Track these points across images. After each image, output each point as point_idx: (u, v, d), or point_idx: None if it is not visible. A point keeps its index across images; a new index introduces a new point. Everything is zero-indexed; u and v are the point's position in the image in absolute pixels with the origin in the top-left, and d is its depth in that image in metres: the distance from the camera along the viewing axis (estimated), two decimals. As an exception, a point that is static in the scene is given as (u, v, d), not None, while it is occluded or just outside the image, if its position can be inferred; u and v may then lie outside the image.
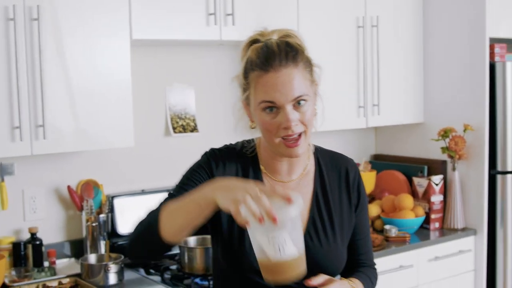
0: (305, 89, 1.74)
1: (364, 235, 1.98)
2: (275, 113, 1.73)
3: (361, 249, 1.98)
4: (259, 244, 1.56)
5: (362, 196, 1.95)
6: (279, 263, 1.55)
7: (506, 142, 3.92)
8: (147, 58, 3.59)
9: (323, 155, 1.95)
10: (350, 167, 1.95)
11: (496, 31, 3.92)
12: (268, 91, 1.73)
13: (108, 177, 3.50)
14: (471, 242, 3.97)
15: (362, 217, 1.96)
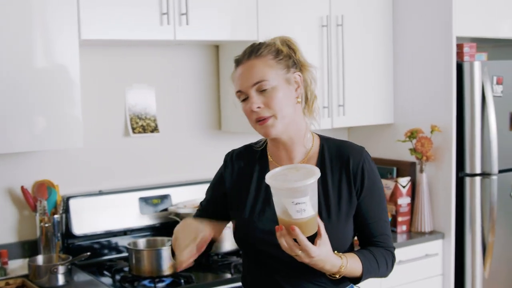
0: (267, 76, 2.01)
1: (377, 219, 2.11)
2: (247, 100, 2.04)
3: (375, 232, 2.12)
4: (283, 205, 1.85)
5: (367, 182, 2.08)
6: (298, 222, 1.85)
7: (474, 144, 3.84)
8: (106, 57, 3.56)
9: (330, 144, 2.15)
10: (354, 154, 2.10)
11: (465, 30, 3.85)
12: (236, 82, 2.07)
13: (64, 177, 3.48)
14: (439, 245, 3.90)
15: (370, 201, 2.10)
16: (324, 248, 1.91)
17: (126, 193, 3.57)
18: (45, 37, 3.00)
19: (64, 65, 3.05)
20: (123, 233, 3.55)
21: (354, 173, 2.08)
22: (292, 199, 1.83)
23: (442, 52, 3.83)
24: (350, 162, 2.09)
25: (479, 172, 3.88)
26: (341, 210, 2.07)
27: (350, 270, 2.01)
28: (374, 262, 2.08)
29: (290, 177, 1.86)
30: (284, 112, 2.03)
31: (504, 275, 4.04)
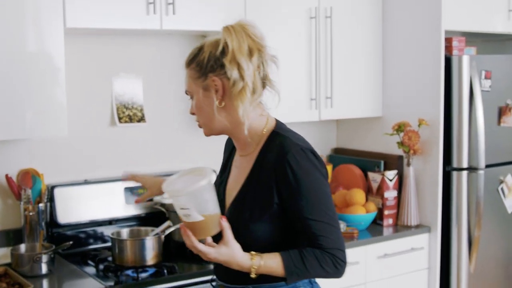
0: (190, 87, 2.20)
1: (304, 221, 2.05)
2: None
3: (304, 234, 2.08)
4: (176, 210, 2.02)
5: (290, 182, 2.04)
6: (188, 224, 2.00)
7: (462, 138, 3.84)
8: (93, 46, 3.55)
9: (275, 138, 2.13)
10: (280, 154, 2.06)
11: (454, 24, 3.84)
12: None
13: (50, 166, 3.47)
14: (425, 239, 3.90)
15: (296, 202, 2.05)
16: (226, 250, 2.02)
17: (111, 182, 3.56)
18: (30, 26, 2.97)
19: (49, 53, 3.03)
20: (108, 223, 3.54)
21: (275, 173, 2.06)
22: (178, 205, 2.00)
23: (430, 46, 3.82)
24: (276, 161, 2.07)
25: (466, 167, 3.87)
26: (253, 210, 2.10)
27: (267, 270, 2.04)
28: (300, 263, 2.04)
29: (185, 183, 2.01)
30: (205, 119, 2.17)
31: (490, 269, 4.04)
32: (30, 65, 2.99)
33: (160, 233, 3.19)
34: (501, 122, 3.98)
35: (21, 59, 2.97)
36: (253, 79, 2.11)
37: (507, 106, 3.98)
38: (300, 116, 3.82)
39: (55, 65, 3.05)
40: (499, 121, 3.98)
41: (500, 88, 3.96)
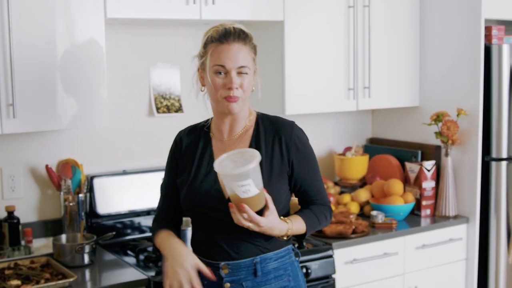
0: (248, 64, 2.34)
1: (312, 181, 2.46)
2: (223, 76, 2.32)
3: (311, 192, 2.47)
4: (231, 188, 2.16)
5: (299, 151, 2.41)
6: (246, 200, 2.16)
7: (501, 128, 3.80)
8: (131, 37, 3.55)
9: (264, 119, 2.47)
10: (285, 129, 2.42)
11: (494, 12, 3.79)
12: (221, 57, 2.31)
13: (89, 157, 3.48)
14: (463, 230, 3.87)
15: (304, 167, 2.43)
16: (272, 218, 2.25)
17: (149, 173, 3.57)
18: (70, 16, 2.98)
19: (90, 44, 3.04)
20: (146, 213, 3.55)
21: (286, 144, 2.40)
22: (237, 183, 2.13)
23: (470, 35, 3.77)
24: (282, 135, 2.41)
25: (506, 157, 3.83)
26: (272, 174, 2.37)
27: (296, 231, 2.37)
28: (315, 219, 2.44)
29: (236, 163, 2.17)
30: (247, 95, 2.39)
31: (529, 260, 4.01)
32: (71, 56, 3.00)
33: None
34: (540, 111, 3.93)
35: (62, 50, 2.98)
36: None
37: (547, 96, 3.94)
38: (338, 106, 3.80)
39: (96, 56, 3.06)
40: (539, 110, 3.93)
41: (540, 77, 3.92)
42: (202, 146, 2.49)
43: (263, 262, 2.38)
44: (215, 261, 2.40)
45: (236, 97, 2.32)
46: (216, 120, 2.49)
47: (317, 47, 3.69)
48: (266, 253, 2.39)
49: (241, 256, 2.38)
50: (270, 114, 2.51)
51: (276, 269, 2.41)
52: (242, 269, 2.38)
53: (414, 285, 3.71)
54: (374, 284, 3.56)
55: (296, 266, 2.50)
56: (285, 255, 2.44)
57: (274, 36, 3.60)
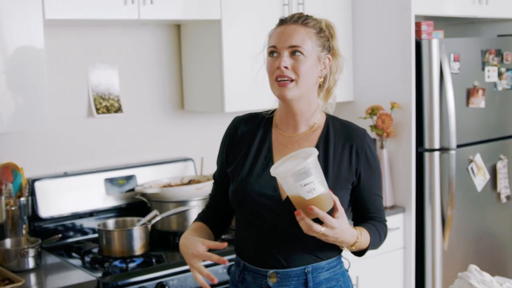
0: (304, 45, 2.13)
1: (375, 196, 2.28)
2: (276, 57, 2.16)
3: (371, 208, 2.28)
4: (294, 191, 1.97)
5: (368, 162, 2.23)
6: (312, 200, 1.95)
7: (433, 119, 3.93)
8: (68, 38, 3.52)
9: (334, 121, 2.30)
10: (357, 135, 2.25)
11: (423, 8, 3.92)
12: (274, 38, 2.19)
13: (29, 160, 3.44)
14: (400, 219, 3.99)
15: (370, 180, 2.24)
16: (343, 220, 2.05)
17: (91, 174, 3.55)
18: (8, 17, 2.94)
19: (29, 45, 3.01)
20: (89, 215, 3.53)
21: (356, 153, 2.22)
22: (299, 182, 1.94)
23: (400, 30, 3.90)
24: (353, 142, 2.23)
25: (438, 147, 3.97)
26: (338, 180, 2.18)
27: (363, 242, 2.18)
28: (378, 236, 2.27)
29: (292, 164, 1.98)
30: (305, 81, 2.15)
31: (463, 247, 4.16)
32: (10, 58, 2.96)
33: (147, 223, 3.21)
34: (469, 103, 4.08)
35: (0, 52, 2.93)
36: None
37: (475, 88, 4.09)
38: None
39: (36, 57, 3.02)
40: (468, 102, 4.08)
41: (468, 70, 4.07)
42: (261, 137, 2.27)
43: (314, 272, 2.19)
44: (262, 268, 2.20)
45: (287, 77, 2.13)
46: (280, 113, 2.29)
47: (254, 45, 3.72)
48: (318, 262, 2.19)
49: (292, 264, 2.17)
50: (341, 118, 2.35)
51: (328, 279, 2.22)
52: (292, 279, 2.18)
53: (355, 275, 3.80)
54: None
55: (347, 277, 2.33)
56: (337, 264, 2.26)
57: (212, 35, 3.63)
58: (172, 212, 3.30)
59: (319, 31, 2.19)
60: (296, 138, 2.25)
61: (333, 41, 2.24)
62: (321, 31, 2.20)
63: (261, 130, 2.29)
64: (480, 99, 4.11)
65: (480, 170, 4.16)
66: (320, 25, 2.21)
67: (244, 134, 2.30)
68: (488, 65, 4.18)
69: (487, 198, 4.27)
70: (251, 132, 2.30)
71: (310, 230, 1.99)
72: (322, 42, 2.20)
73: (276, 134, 2.27)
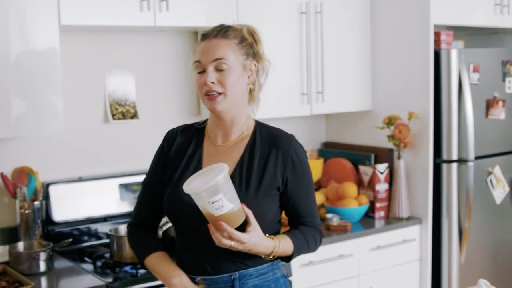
0: (227, 57, 2.18)
1: (305, 201, 2.29)
2: (202, 73, 2.19)
3: (302, 213, 2.30)
4: (203, 207, 2.03)
5: (295, 168, 2.25)
6: (221, 217, 2.02)
7: (451, 130, 3.89)
8: (85, 44, 3.55)
9: (262, 129, 2.32)
10: (283, 142, 2.27)
11: (442, 18, 3.89)
12: (198, 54, 2.22)
13: (44, 164, 3.47)
14: (416, 231, 3.95)
15: (298, 186, 2.26)
16: (255, 234, 2.10)
17: (106, 179, 3.57)
18: (24, 23, 2.98)
19: (45, 51, 3.04)
20: (103, 220, 3.55)
21: (282, 159, 2.24)
22: (208, 200, 2.00)
23: (419, 40, 3.87)
24: (279, 148, 2.25)
25: (456, 159, 3.93)
26: (260, 188, 2.21)
27: (282, 250, 2.21)
28: (304, 241, 2.28)
29: (202, 181, 2.03)
30: (233, 93, 2.20)
31: (480, 259, 4.11)
32: (25, 63, 2.99)
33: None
34: (488, 114, 4.03)
35: (15, 57, 2.97)
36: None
37: (495, 99, 4.05)
38: (291, 111, 3.85)
39: (51, 63, 3.06)
40: (487, 113, 4.03)
41: (488, 81, 4.02)
42: (193, 148, 2.33)
43: (242, 279, 2.22)
44: (192, 275, 2.25)
45: (214, 91, 2.17)
46: (211, 123, 2.33)
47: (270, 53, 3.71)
48: (245, 269, 2.23)
49: (218, 271, 2.22)
50: (270, 125, 2.35)
51: (256, 286, 2.24)
52: (220, 285, 2.22)
53: (369, 286, 3.77)
54: (330, 286, 3.61)
55: (282, 284, 2.31)
56: (267, 271, 2.27)
57: (229, 42, 3.63)
58: (184, 219, 3.29)
59: (241, 41, 2.22)
60: (225, 147, 2.29)
61: (257, 46, 2.27)
62: (243, 40, 2.23)
63: (194, 141, 2.34)
64: (500, 110, 4.06)
65: (500, 182, 4.11)
66: (242, 34, 2.24)
67: (179, 146, 2.35)
68: (509, 76, 4.12)
69: (506, 211, 4.21)
70: (185, 143, 2.35)
71: (220, 244, 2.06)
72: (246, 50, 2.23)
73: (207, 145, 2.32)
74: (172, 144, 2.36)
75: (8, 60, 2.95)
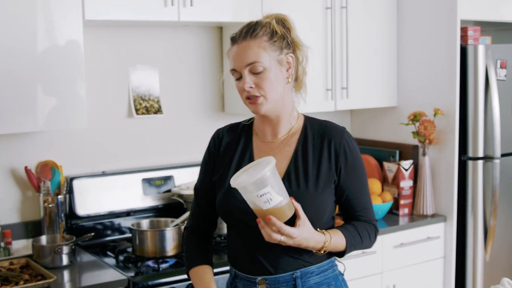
0: (260, 58, 2.11)
1: (358, 194, 2.23)
2: (240, 79, 2.14)
3: (356, 207, 2.24)
4: (252, 201, 1.99)
5: (349, 160, 2.19)
6: (270, 211, 1.97)
7: (477, 127, 3.84)
8: (109, 38, 3.56)
9: (313, 122, 2.26)
10: (336, 134, 2.21)
11: (469, 13, 3.84)
12: (232, 61, 2.16)
13: (68, 158, 3.49)
14: (440, 228, 3.92)
15: (352, 178, 2.21)
16: (305, 228, 2.05)
17: (129, 174, 3.58)
18: (49, 18, 2.99)
19: (69, 45, 3.05)
20: (126, 214, 3.57)
21: (336, 151, 2.19)
22: (255, 193, 1.96)
23: (446, 35, 3.82)
24: (332, 141, 2.20)
25: (482, 156, 3.88)
26: (318, 182, 2.16)
27: (334, 245, 2.14)
28: (358, 236, 2.21)
29: (249, 175, 1.99)
30: (273, 93, 2.14)
31: (505, 258, 4.06)
32: (49, 58, 3.00)
33: (180, 224, 3.21)
34: (516, 111, 3.99)
35: (41, 52, 2.98)
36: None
37: (522, 95, 3.99)
38: (316, 107, 3.83)
39: (75, 58, 3.07)
40: (514, 110, 3.99)
41: (516, 78, 3.97)
42: (243, 146, 2.28)
43: (303, 277, 2.18)
44: (251, 275, 2.21)
45: (254, 96, 2.12)
46: (257, 121, 2.29)
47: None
48: (307, 266, 2.18)
49: (280, 271, 2.17)
50: (319, 118, 2.30)
51: (318, 284, 2.20)
52: (281, 285, 2.18)
53: (393, 283, 3.75)
54: (353, 283, 3.56)
55: (341, 281, 2.28)
56: (328, 268, 2.23)
57: (253, 37, 3.61)
58: (206, 214, 3.29)
59: (271, 36, 2.14)
60: (275, 144, 2.25)
61: (291, 34, 2.20)
62: (273, 35, 2.15)
63: (243, 139, 2.30)
64: (528, 107, 4.00)
65: (526, 180, 4.06)
66: (271, 28, 2.15)
67: (228, 145, 2.31)
68: (537, 72, 4.06)
69: (532, 209, 4.16)
70: (233, 142, 2.30)
71: (270, 239, 2.02)
72: (278, 44, 2.15)
73: (256, 142, 2.28)
74: (220, 144, 2.32)
75: (33, 55, 2.97)
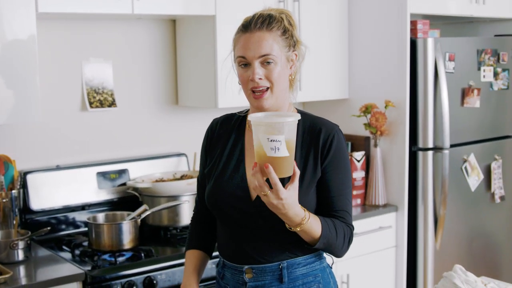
0: (274, 51, 2.11)
1: (338, 194, 2.17)
2: (247, 68, 2.12)
3: (335, 206, 2.17)
4: (259, 141, 1.92)
5: (333, 156, 2.15)
6: (271, 159, 1.91)
7: (427, 119, 3.93)
8: (62, 31, 3.53)
9: (305, 118, 2.21)
10: (324, 129, 2.18)
11: (419, 7, 3.92)
12: (242, 48, 2.13)
13: (21, 152, 3.45)
14: (392, 218, 4.00)
15: (333, 175, 2.16)
16: (293, 193, 1.98)
17: (84, 168, 3.56)
18: (1, 11, 2.95)
19: (22, 38, 3.02)
20: (81, 208, 3.55)
21: (322, 146, 2.15)
22: (267, 136, 1.90)
23: (396, 29, 3.89)
24: (320, 135, 2.16)
25: (432, 147, 3.97)
26: (304, 180, 2.13)
27: (309, 227, 2.05)
28: (333, 230, 2.12)
29: (270, 117, 1.96)
30: (279, 87, 2.14)
31: (455, 246, 4.16)
32: (3, 51, 2.97)
33: (136, 217, 3.22)
34: (464, 103, 4.08)
35: (-7, 45, 2.95)
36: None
37: (470, 88, 4.09)
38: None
39: (28, 51, 3.04)
40: (462, 102, 4.08)
41: (463, 70, 4.07)
42: (234, 138, 2.27)
43: (290, 267, 2.18)
44: (238, 264, 2.22)
45: (261, 87, 2.10)
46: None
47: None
48: (293, 258, 2.18)
49: (267, 260, 2.18)
50: (314, 115, 2.28)
51: (304, 275, 2.20)
52: (267, 274, 2.18)
53: (346, 273, 3.81)
54: (308, 273, 3.64)
55: (328, 273, 2.29)
56: (315, 260, 2.23)
57: (207, 31, 3.63)
58: (162, 207, 3.30)
59: (284, 32, 2.15)
60: None
61: (294, 32, 2.21)
62: (286, 31, 2.16)
63: (235, 132, 2.28)
64: (475, 99, 4.11)
65: (474, 170, 4.16)
66: (284, 24, 2.15)
67: (220, 136, 2.30)
68: (484, 65, 4.17)
69: (481, 198, 4.27)
70: (226, 133, 2.29)
71: (256, 188, 1.96)
72: (288, 41, 2.16)
73: (249, 136, 2.22)
74: (212, 135, 2.33)
75: (-16, 47, 2.93)
